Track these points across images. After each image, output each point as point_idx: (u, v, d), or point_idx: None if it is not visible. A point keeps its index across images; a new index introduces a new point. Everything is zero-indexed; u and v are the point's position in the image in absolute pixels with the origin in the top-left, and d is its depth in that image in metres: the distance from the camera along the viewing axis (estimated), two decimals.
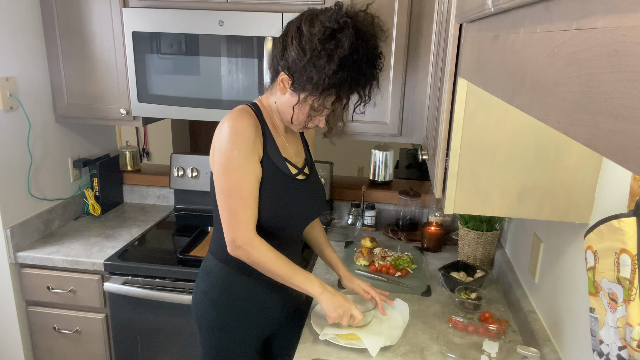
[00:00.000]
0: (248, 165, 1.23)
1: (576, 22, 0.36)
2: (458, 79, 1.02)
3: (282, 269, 1.27)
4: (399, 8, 1.81)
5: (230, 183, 1.23)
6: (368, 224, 2.25)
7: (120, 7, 1.93)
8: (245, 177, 1.23)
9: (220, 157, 1.23)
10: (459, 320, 1.48)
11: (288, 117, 1.28)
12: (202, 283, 1.40)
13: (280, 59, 1.24)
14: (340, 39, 1.15)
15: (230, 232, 1.25)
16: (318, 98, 1.21)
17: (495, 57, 0.61)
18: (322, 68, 1.15)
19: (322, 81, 1.16)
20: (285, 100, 1.27)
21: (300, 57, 1.18)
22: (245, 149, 1.22)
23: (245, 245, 1.25)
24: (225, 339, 1.39)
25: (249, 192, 1.24)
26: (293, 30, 1.21)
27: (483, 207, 1.13)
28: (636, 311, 0.72)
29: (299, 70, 1.19)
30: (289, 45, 1.21)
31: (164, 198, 2.53)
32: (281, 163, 1.32)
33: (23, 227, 1.98)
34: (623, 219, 0.75)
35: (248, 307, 1.38)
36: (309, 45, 1.17)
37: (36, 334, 2.04)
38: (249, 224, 1.25)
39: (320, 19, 1.18)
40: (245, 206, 1.24)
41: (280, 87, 1.25)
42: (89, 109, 2.08)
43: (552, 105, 0.40)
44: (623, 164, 0.29)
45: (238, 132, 1.22)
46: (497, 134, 1.07)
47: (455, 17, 0.97)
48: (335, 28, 1.15)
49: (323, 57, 1.15)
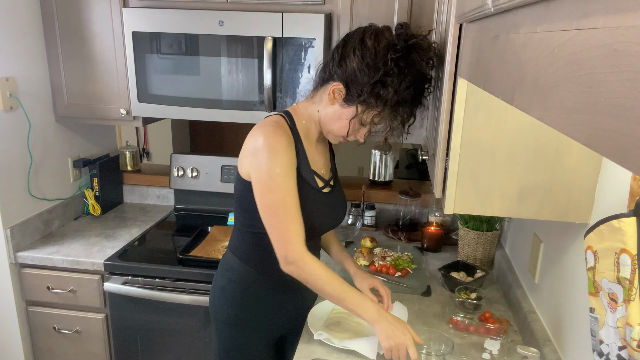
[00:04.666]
0: (291, 180, 1.23)
1: (576, 22, 0.36)
2: (458, 79, 1.02)
3: (335, 289, 1.23)
4: (399, 8, 1.81)
5: (277, 201, 1.21)
6: (368, 224, 2.25)
7: (120, 7, 1.93)
8: (290, 192, 1.22)
9: (261, 175, 1.21)
10: (460, 320, 1.48)
11: (332, 127, 1.28)
12: (221, 279, 1.41)
13: (336, 67, 1.23)
14: (414, 59, 1.18)
15: (281, 249, 1.23)
16: (377, 114, 1.22)
17: (495, 57, 0.61)
18: (392, 85, 1.17)
19: (390, 97, 1.18)
20: (333, 111, 1.26)
21: (363, 69, 1.19)
22: (285, 165, 1.22)
23: (298, 262, 1.22)
24: (239, 335, 1.40)
25: (295, 207, 1.23)
26: (355, 42, 1.21)
27: (483, 207, 1.13)
28: (636, 311, 0.72)
29: (360, 82, 1.19)
30: (349, 56, 1.21)
31: (164, 198, 2.53)
32: (310, 176, 1.32)
33: (23, 227, 1.98)
34: (623, 219, 0.75)
35: (263, 306, 1.39)
36: (378, 60, 1.17)
37: (36, 334, 2.04)
38: (299, 239, 1.23)
39: (385, 36, 1.20)
40: (294, 221, 1.23)
41: (330, 97, 1.25)
42: (89, 109, 2.08)
43: (552, 105, 0.40)
44: (623, 164, 0.29)
45: (277, 149, 1.21)
46: (497, 134, 1.07)
47: (455, 17, 0.97)
48: (406, 47, 1.18)
49: (395, 74, 1.17)
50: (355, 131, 1.28)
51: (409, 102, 1.22)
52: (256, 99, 1.90)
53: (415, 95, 1.23)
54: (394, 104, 1.20)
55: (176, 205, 2.46)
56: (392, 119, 1.25)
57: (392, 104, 1.20)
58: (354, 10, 1.83)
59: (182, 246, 1.99)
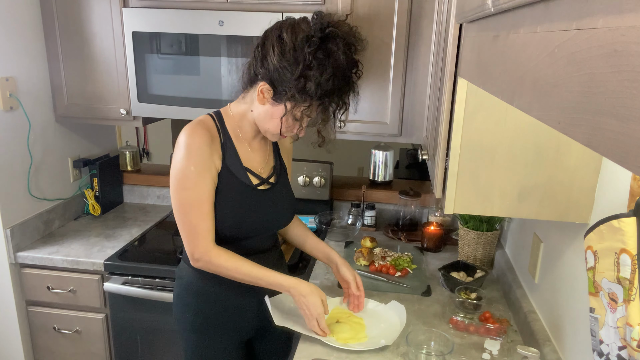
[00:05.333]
0: (205, 180, 1.24)
1: (576, 22, 0.36)
2: (458, 79, 1.02)
3: (247, 275, 1.27)
4: (399, 8, 1.81)
5: (190, 199, 1.24)
6: (368, 224, 2.25)
7: (120, 7, 1.93)
8: (204, 191, 1.24)
9: (176, 172, 1.24)
10: (460, 320, 1.48)
11: (267, 126, 1.28)
12: (176, 287, 1.42)
13: (259, 67, 1.22)
14: (332, 49, 1.17)
15: (189, 246, 1.27)
16: (307, 108, 1.21)
17: (495, 57, 0.61)
18: (314, 78, 1.16)
19: (313, 91, 1.17)
20: (265, 111, 1.25)
21: (285, 66, 1.17)
22: (201, 163, 1.23)
23: (205, 257, 1.26)
24: (202, 341, 1.40)
25: (208, 206, 1.25)
26: (274, 39, 1.20)
27: (483, 207, 1.13)
28: (636, 311, 0.72)
29: (284, 79, 1.18)
30: (269, 55, 1.20)
31: (164, 198, 2.53)
32: (242, 174, 1.31)
33: (23, 227, 1.98)
34: (623, 219, 0.75)
35: (221, 310, 1.38)
36: (297, 55, 1.16)
37: (36, 334, 2.04)
38: (207, 236, 1.26)
39: (302, 28, 1.18)
40: (205, 220, 1.25)
41: (260, 97, 1.24)
42: (89, 109, 2.08)
43: (552, 105, 0.40)
44: (623, 164, 0.29)
45: (192, 148, 1.22)
46: (497, 134, 1.07)
47: (455, 17, 0.97)
48: (322, 37, 1.16)
49: (315, 67, 1.16)
50: (290, 127, 1.27)
51: (335, 92, 1.21)
52: None
53: (342, 84, 1.21)
54: (319, 96, 1.18)
55: None
56: (323, 111, 1.24)
57: (317, 96, 1.18)
58: (354, 10, 1.83)
59: (182, 246, 1.99)
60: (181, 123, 4.58)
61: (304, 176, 2.24)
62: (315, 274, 1.82)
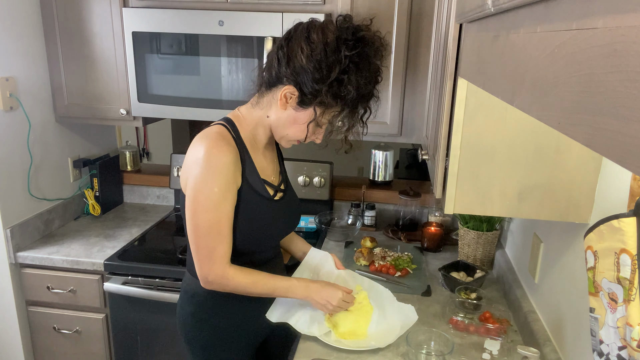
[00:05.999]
0: (228, 201, 1.17)
1: (576, 22, 0.36)
2: (458, 79, 1.02)
3: (262, 289, 1.24)
4: (399, 8, 1.81)
5: (210, 222, 1.15)
6: (368, 224, 2.25)
7: (120, 7, 1.93)
8: (226, 214, 1.17)
9: (196, 193, 1.14)
10: (460, 320, 1.48)
11: (287, 132, 1.21)
12: (188, 306, 1.33)
13: (284, 69, 1.14)
14: (368, 52, 1.12)
15: (203, 269, 1.19)
16: (338, 113, 1.18)
17: (495, 57, 0.61)
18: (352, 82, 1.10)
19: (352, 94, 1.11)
20: (287, 116, 1.18)
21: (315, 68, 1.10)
22: (225, 185, 1.14)
23: (220, 280, 1.20)
24: (218, 355, 1.36)
25: (228, 228, 1.18)
26: (301, 40, 1.12)
27: (483, 207, 1.13)
28: (636, 311, 0.72)
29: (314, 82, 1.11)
30: (296, 56, 1.12)
31: (164, 198, 2.53)
32: (260, 186, 1.25)
33: (23, 227, 1.98)
34: (623, 219, 0.75)
35: (237, 321, 1.35)
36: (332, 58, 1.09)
37: (36, 334, 2.04)
38: (223, 259, 1.19)
39: (330, 29, 1.12)
40: (222, 242, 1.18)
41: (282, 102, 1.16)
42: (89, 109, 2.08)
43: (552, 105, 0.40)
44: (623, 164, 0.29)
45: (217, 168, 1.13)
46: (497, 134, 1.07)
47: (455, 17, 0.97)
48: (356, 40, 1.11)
49: (352, 71, 1.10)
50: (312, 133, 1.22)
51: (367, 97, 1.18)
52: None
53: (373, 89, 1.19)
54: (354, 101, 1.14)
55: (176, 205, 2.46)
56: (350, 116, 1.20)
57: (352, 101, 1.14)
58: (354, 10, 1.83)
59: (182, 246, 1.99)
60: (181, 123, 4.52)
61: (304, 176, 2.24)
62: None
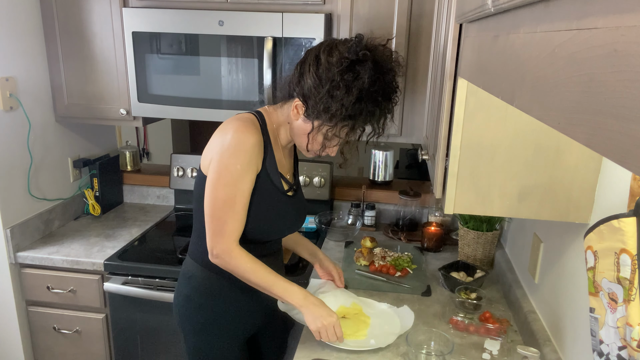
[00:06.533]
0: (246, 180, 1.25)
1: (576, 22, 0.36)
2: (458, 79, 1.02)
3: (261, 279, 1.28)
4: (399, 8, 1.81)
5: (226, 195, 1.24)
6: (368, 224, 2.25)
7: (120, 7, 1.93)
8: (243, 192, 1.25)
9: (220, 167, 1.23)
10: (460, 320, 1.48)
11: (300, 142, 1.31)
12: (184, 288, 1.40)
13: (296, 85, 1.25)
14: (359, 71, 1.17)
15: (212, 240, 1.27)
16: (332, 128, 1.23)
17: (495, 57, 0.61)
18: (340, 99, 1.17)
19: (338, 112, 1.18)
20: (298, 126, 1.28)
21: (316, 85, 1.20)
22: (247, 164, 1.24)
23: (224, 255, 1.26)
24: (209, 340, 1.40)
25: (242, 206, 1.26)
26: (311, 59, 1.22)
27: (483, 207, 1.13)
28: (636, 311, 0.72)
29: (314, 98, 1.20)
30: (305, 73, 1.22)
31: (164, 198, 2.53)
32: (277, 178, 1.33)
33: (23, 227, 1.98)
34: (623, 219, 0.75)
35: (231, 308, 1.39)
36: (327, 75, 1.18)
37: (36, 334, 2.04)
38: (232, 235, 1.26)
39: (339, 49, 1.20)
40: (235, 219, 1.25)
41: (294, 112, 1.27)
42: (89, 109, 2.08)
43: (552, 105, 0.40)
44: (623, 164, 0.29)
45: (244, 147, 1.22)
46: (497, 134, 1.07)
47: (455, 17, 0.97)
48: (354, 60, 1.17)
49: (341, 88, 1.17)
50: (318, 145, 1.29)
51: (363, 115, 1.20)
52: (256, 99, 1.89)
53: (370, 108, 1.20)
54: (343, 117, 1.19)
55: (176, 205, 2.46)
56: (348, 132, 1.24)
57: (341, 117, 1.19)
58: (353, 10, 1.83)
59: (182, 246, 1.99)
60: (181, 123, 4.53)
61: (304, 176, 2.24)
62: (315, 274, 1.82)
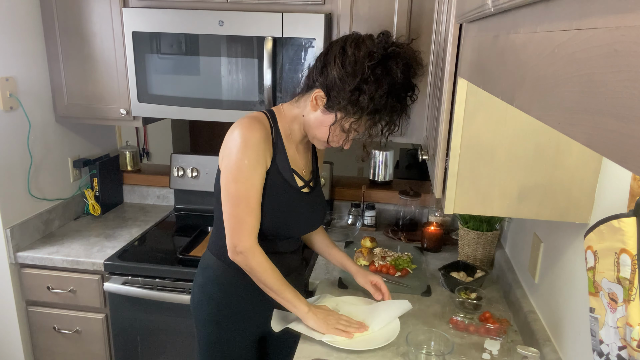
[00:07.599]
0: (256, 175, 1.27)
1: (576, 22, 0.36)
2: (458, 79, 1.02)
3: (274, 282, 1.31)
4: (399, 8, 1.81)
5: (240, 192, 1.26)
6: (368, 224, 2.25)
7: (120, 7, 1.93)
8: (254, 186, 1.27)
9: (231, 164, 1.26)
10: (460, 320, 1.48)
11: (315, 132, 1.31)
12: (199, 278, 1.44)
13: (318, 75, 1.26)
14: (391, 67, 1.20)
15: (233, 238, 1.29)
16: (357, 121, 1.24)
17: (495, 57, 0.61)
18: (369, 92, 1.18)
19: (366, 104, 1.20)
20: (315, 117, 1.29)
21: (342, 77, 1.21)
22: (255, 159, 1.25)
23: (246, 252, 1.28)
24: (220, 333, 1.42)
25: (255, 201, 1.28)
26: (337, 50, 1.23)
27: (483, 207, 1.13)
28: (636, 311, 0.72)
29: (339, 90, 1.21)
30: (330, 64, 1.23)
31: (164, 198, 2.53)
32: (289, 174, 1.35)
33: (23, 227, 1.98)
34: (623, 219, 0.75)
35: (243, 304, 1.40)
36: (356, 68, 1.19)
37: (36, 334, 2.04)
38: (252, 232, 1.29)
39: (366, 44, 1.22)
40: (251, 215, 1.28)
41: (313, 103, 1.27)
42: (89, 109, 2.08)
43: (552, 105, 0.40)
44: (623, 164, 0.29)
45: (249, 143, 1.24)
46: (497, 134, 1.07)
47: (455, 17, 0.97)
48: (384, 54, 1.19)
49: (371, 82, 1.18)
50: (337, 137, 1.30)
51: (387, 110, 1.24)
52: (256, 99, 1.90)
53: (394, 103, 1.23)
54: (370, 111, 1.21)
55: (176, 205, 2.46)
56: (371, 126, 1.27)
57: (368, 111, 1.21)
58: (354, 10, 1.83)
59: (182, 246, 1.99)
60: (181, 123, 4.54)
61: None
62: (316, 274, 1.82)
